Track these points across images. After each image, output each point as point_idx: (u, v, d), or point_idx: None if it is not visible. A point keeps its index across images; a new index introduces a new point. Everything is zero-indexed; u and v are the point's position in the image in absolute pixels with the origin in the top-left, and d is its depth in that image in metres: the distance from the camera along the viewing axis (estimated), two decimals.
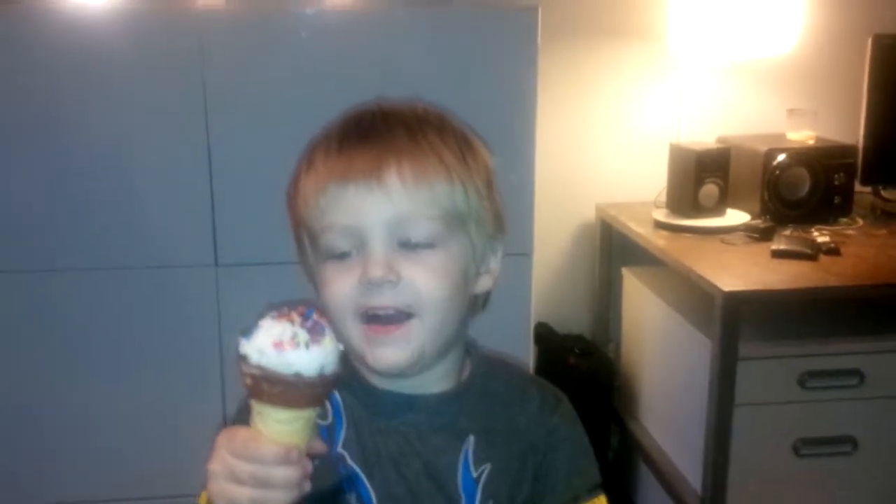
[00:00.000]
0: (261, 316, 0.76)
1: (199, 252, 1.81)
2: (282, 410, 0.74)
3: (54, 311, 1.83)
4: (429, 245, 0.86)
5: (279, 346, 0.73)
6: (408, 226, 0.85)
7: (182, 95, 1.76)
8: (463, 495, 0.91)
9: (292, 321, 0.75)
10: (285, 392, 0.73)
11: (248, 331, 0.76)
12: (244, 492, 0.75)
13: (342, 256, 0.87)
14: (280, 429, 0.75)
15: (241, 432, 0.77)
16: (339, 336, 0.84)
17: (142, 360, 1.86)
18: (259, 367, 0.73)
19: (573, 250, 2.57)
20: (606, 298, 2.54)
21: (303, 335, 0.74)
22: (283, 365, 0.73)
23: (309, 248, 0.91)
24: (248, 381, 0.74)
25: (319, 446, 0.81)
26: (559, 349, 2.42)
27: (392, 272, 0.84)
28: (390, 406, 0.91)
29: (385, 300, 0.84)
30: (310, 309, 0.77)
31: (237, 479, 0.76)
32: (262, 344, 0.74)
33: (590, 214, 2.53)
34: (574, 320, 2.58)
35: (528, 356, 1.94)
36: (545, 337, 2.44)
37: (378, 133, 0.87)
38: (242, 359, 0.74)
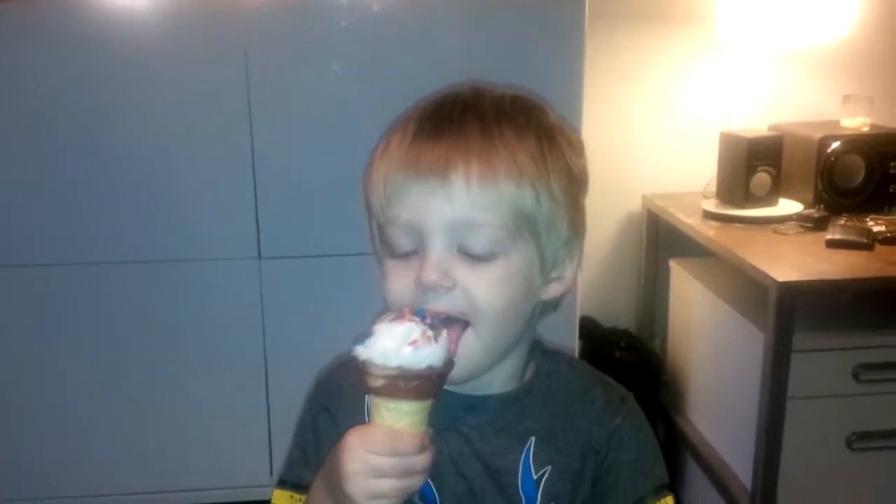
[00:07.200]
0: (373, 322, 0.81)
1: (243, 245, 1.82)
2: (415, 403, 0.79)
3: (98, 303, 1.85)
4: (489, 254, 0.84)
5: (415, 343, 0.78)
6: (468, 232, 0.83)
7: (225, 89, 1.76)
8: (523, 497, 0.90)
9: (414, 321, 0.80)
10: (420, 385, 0.79)
11: (362, 338, 0.80)
12: (391, 483, 0.79)
13: (404, 256, 0.86)
14: (411, 420, 0.80)
15: (375, 431, 0.80)
16: None
17: (185, 353, 1.87)
18: (398, 368, 0.78)
19: (618, 242, 2.54)
20: (652, 291, 2.50)
21: (430, 331, 0.79)
22: (417, 361, 0.78)
23: (377, 238, 0.90)
24: (381, 382, 0.78)
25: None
26: (604, 343, 2.39)
27: (447, 278, 0.83)
28: (452, 407, 0.90)
29: (439, 305, 0.83)
30: (419, 308, 0.82)
31: (382, 474, 0.79)
32: (393, 346, 0.78)
33: (636, 205, 2.49)
34: (619, 314, 2.55)
35: (572, 351, 1.91)
36: (590, 331, 2.41)
37: (451, 129, 0.84)
38: (366, 364, 0.79)
